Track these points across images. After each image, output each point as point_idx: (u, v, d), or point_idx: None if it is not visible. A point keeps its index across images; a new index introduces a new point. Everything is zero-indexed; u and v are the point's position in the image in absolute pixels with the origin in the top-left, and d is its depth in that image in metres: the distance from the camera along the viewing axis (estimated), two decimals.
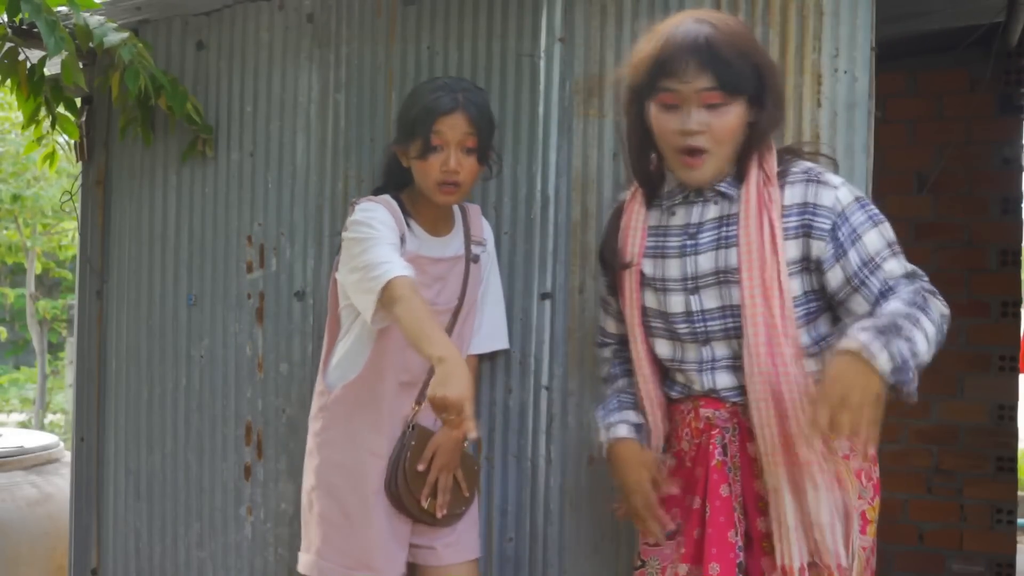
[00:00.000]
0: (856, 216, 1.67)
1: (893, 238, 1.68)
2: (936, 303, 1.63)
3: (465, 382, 1.72)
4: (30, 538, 3.41)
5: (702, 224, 1.75)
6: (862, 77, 2.03)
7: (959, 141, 3.36)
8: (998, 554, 3.35)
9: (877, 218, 1.69)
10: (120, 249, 2.77)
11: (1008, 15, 2.84)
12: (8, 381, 10.35)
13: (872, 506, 1.71)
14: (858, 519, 1.67)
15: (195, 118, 2.56)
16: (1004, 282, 3.36)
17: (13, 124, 6.97)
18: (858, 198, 1.70)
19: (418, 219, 2.14)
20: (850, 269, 1.66)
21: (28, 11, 2.12)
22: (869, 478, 1.72)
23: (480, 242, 2.21)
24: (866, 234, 1.67)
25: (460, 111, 2.03)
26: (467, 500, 2.18)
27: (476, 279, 2.18)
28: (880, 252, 1.67)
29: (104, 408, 2.79)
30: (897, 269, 1.66)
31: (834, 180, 1.71)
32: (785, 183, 1.70)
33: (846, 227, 1.67)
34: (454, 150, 2.03)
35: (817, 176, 1.70)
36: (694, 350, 1.77)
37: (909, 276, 1.67)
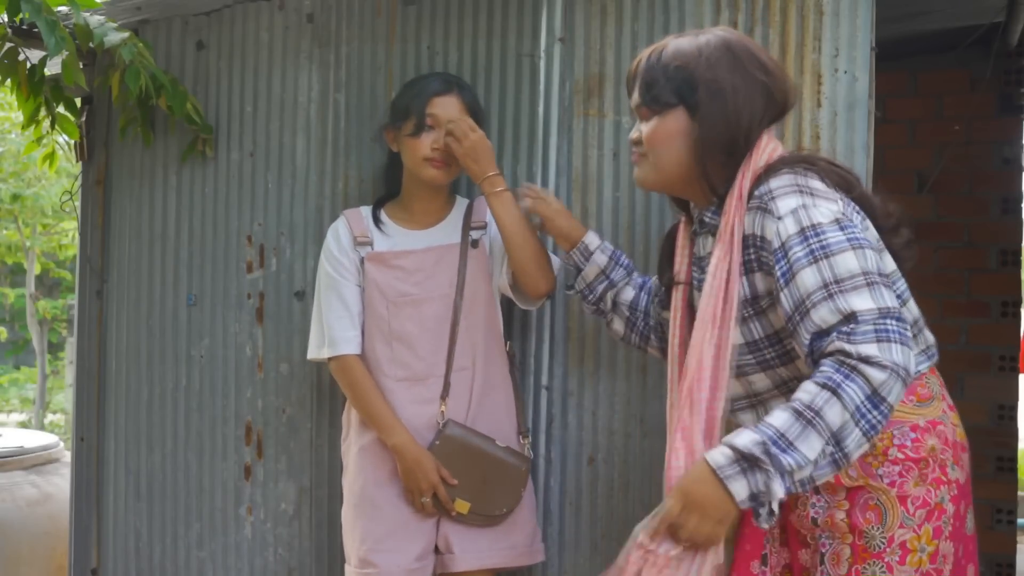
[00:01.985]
0: (794, 251, 1.50)
1: (840, 274, 1.46)
2: (862, 378, 1.40)
3: (424, 469, 2.07)
4: (30, 538, 3.41)
5: (704, 258, 1.75)
6: (862, 77, 2.03)
7: (959, 141, 3.36)
8: (998, 554, 3.35)
9: (822, 251, 1.48)
10: (120, 249, 2.77)
11: (1008, 15, 2.84)
12: (8, 381, 10.35)
13: (918, 534, 1.57)
14: (896, 549, 1.56)
15: (195, 118, 2.56)
16: (1004, 282, 3.36)
17: (13, 124, 6.97)
18: (804, 228, 1.51)
19: (402, 214, 2.22)
20: (784, 314, 1.53)
21: (28, 11, 2.12)
22: (924, 504, 1.57)
23: (480, 225, 2.20)
24: (799, 273, 1.49)
25: (454, 93, 2.14)
26: (501, 502, 2.13)
27: (479, 263, 2.17)
28: (811, 295, 1.47)
29: (104, 408, 2.79)
30: (828, 316, 1.45)
31: (782, 207, 1.54)
32: (747, 209, 1.60)
33: (783, 264, 1.52)
34: (446, 130, 2.09)
35: (767, 203, 1.56)
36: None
37: (846, 321, 1.44)
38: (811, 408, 1.41)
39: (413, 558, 2.11)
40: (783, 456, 1.40)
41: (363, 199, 2.45)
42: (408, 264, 2.17)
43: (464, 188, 2.37)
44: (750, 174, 1.62)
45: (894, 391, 1.41)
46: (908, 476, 1.57)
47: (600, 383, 2.26)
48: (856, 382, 1.40)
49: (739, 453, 1.43)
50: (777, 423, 1.42)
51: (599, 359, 2.25)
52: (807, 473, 1.42)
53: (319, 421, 2.51)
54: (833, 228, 1.50)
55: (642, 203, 2.22)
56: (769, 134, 1.69)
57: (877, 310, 1.43)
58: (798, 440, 1.41)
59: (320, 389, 2.50)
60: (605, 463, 2.25)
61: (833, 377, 1.41)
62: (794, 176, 1.57)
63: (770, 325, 1.61)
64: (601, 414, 2.26)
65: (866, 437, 1.42)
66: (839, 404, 1.40)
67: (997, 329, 3.35)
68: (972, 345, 3.37)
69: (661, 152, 1.70)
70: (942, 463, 1.59)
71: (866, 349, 1.40)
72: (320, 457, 2.50)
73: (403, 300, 2.16)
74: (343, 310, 2.19)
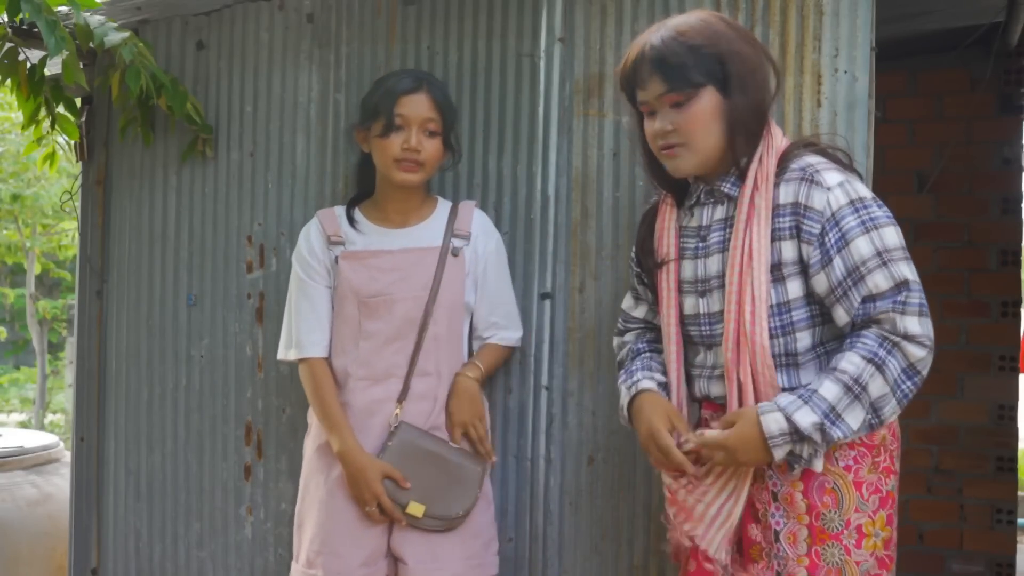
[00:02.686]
0: (847, 221, 1.60)
1: (889, 244, 1.60)
2: (901, 354, 1.56)
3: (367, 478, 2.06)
4: (30, 538, 3.41)
5: (710, 226, 1.76)
6: (862, 77, 2.03)
7: (959, 141, 3.36)
8: (998, 554, 3.36)
9: (872, 223, 1.60)
10: (120, 249, 2.77)
11: (1008, 15, 2.84)
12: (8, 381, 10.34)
13: (872, 520, 1.66)
14: (853, 533, 1.64)
15: (195, 118, 2.56)
16: (1004, 282, 3.36)
17: (13, 124, 6.97)
18: (854, 200, 1.61)
19: (377, 213, 2.21)
20: (834, 278, 1.61)
21: (28, 11, 2.12)
22: (877, 491, 1.67)
23: (463, 236, 2.19)
24: (854, 241, 1.59)
25: (423, 92, 2.11)
26: (456, 504, 2.10)
27: (456, 272, 2.16)
28: (866, 262, 1.59)
29: (104, 408, 2.79)
30: (883, 282, 1.58)
31: (830, 180, 1.63)
32: (781, 181, 1.66)
33: (834, 232, 1.61)
34: (416, 129, 2.09)
35: (812, 175, 1.64)
36: (701, 354, 1.80)
37: (897, 289, 1.58)
38: (858, 383, 1.55)
39: (358, 563, 2.10)
40: (833, 430, 1.56)
41: None
42: (384, 263, 2.16)
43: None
44: (774, 151, 1.69)
45: (927, 366, 1.58)
46: (863, 462, 1.66)
47: (600, 383, 2.26)
48: (896, 358, 1.56)
49: (795, 429, 1.57)
50: (829, 396, 1.56)
51: (599, 359, 2.25)
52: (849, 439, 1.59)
53: None
54: (874, 203, 1.63)
55: (642, 203, 2.22)
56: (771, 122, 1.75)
57: (918, 282, 1.59)
58: (846, 412, 1.56)
59: None
60: (605, 463, 2.25)
61: (878, 352, 1.55)
62: (821, 158, 1.69)
63: (784, 293, 1.67)
64: (601, 414, 2.26)
65: (899, 406, 1.58)
66: (881, 378, 1.55)
67: (997, 329, 3.35)
68: (972, 345, 3.37)
69: (701, 135, 1.68)
70: (891, 453, 1.70)
71: (911, 324, 1.56)
72: None
73: (375, 300, 2.14)
74: (310, 312, 2.20)
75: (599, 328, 2.25)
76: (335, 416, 2.14)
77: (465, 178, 2.37)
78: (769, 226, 1.65)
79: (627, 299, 2.03)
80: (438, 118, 2.12)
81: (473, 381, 2.16)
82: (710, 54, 1.65)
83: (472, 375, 2.16)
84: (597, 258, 2.26)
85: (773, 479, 1.68)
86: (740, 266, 1.66)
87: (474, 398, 2.16)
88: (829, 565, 1.64)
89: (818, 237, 1.62)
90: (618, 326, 2.04)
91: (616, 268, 2.25)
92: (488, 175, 2.35)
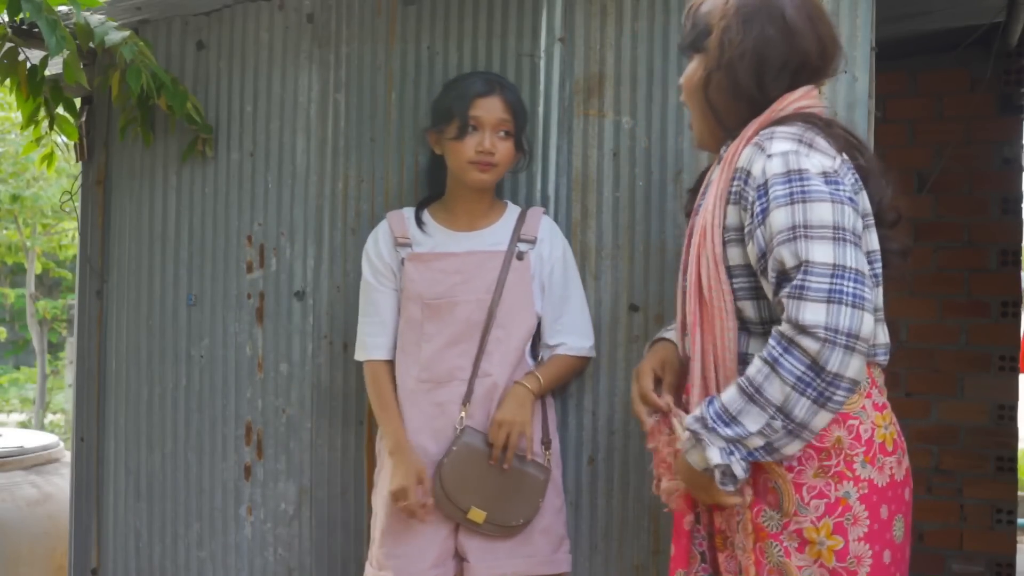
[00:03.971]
0: (775, 190, 1.51)
1: (812, 220, 1.47)
2: (799, 350, 1.43)
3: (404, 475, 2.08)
4: (30, 538, 3.41)
5: (708, 184, 1.74)
6: (862, 77, 2.03)
7: (959, 141, 3.36)
8: (998, 554, 3.36)
9: (801, 195, 1.49)
10: (120, 249, 2.77)
11: (1008, 15, 2.84)
12: (8, 381, 10.34)
13: (816, 527, 1.54)
14: (793, 536, 1.56)
15: (195, 118, 2.56)
16: (1004, 282, 3.36)
17: (13, 124, 6.97)
18: (791, 171, 1.51)
19: (445, 215, 2.21)
20: (756, 252, 1.55)
21: (29, 10, 2.12)
22: (822, 495, 1.55)
23: (530, 240, 2.17)
24: (774, 212, 1.50)
25: (497, 94, 2.12)
26: (518, 513, 2.10)
27: (521, 276, 2.15)
28: (779, 234, 1.48)
29: (104, 408, 2.79)
30: (789, 259, 1.47)
31: (775, 147, 1.55)
32: (748, 145, 1.62)
33: (761, 202, 1.53)
34: (489, 131, 2.10)
35: (763, 142, 1.58)
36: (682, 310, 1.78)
37: (797, 269, 1.46)
38: (752, 384, 1.48)
39: (429, 565, 2.10)
40: (725, 429, 1.50)
41: (363, 199, 2.46)
42: (448, 266, 2.16)
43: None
44: (760, 121, 1.64)
45: (832, 359, 1.42)
46: (807, 465, 1.56)
47: (600, 383, 2.26)
48: (793, 354, 1.44)
49: (688, 430, 1.56)
50: (725, 398, 1.52)
51: (599, 359, 2.25)
52: (758, 443, 1.49)
53: (319, 421, 2.51)
54: (818, 179, 1.51)
55: (642, 203, 2.23)
56: (804, 90, 1.66)
57: (832, 265, 1.44)
58: (740, 414, 1.49)
59: (320, 389, 2.51)
60: (605, 463, 2.25)
61: (773, 351, 1.46)
62: (800, 128, 1.59)
63: (743, 255, 1.61)
64: (601, 414, 2.26)
65: (819, 405, 1.45)
66: (778, 379, 1.45)
67: (997, 329, 3.35)
68: (972, 345, 3.36)
69: (690, 99, 1.76)
70: (848, 458, 1.55)
71: (807, 312, 1.42)
72: (320, 457, 2.50)
73: (438, 302, 2.14)
74: (375, 315, 2.22)
75: (599, 328, 2.25)
76: (390, 417, 2.16)
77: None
78: (725, 190, 1.62)
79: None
80: (511, 120, 2.12)
81: (526, 389, 2.12)
82: (704, 26, 1.70)
83: (529, 384, 2.12)
84: (597, 258, 2.26)
85: None
86: (702, 228, 1.65)
87: (522, 404, 2.11)
88: (771, 564, 1.57)
89: (751, 204, 1.56)
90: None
91: (616, 268, 2.25)
92: None
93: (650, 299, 2.22)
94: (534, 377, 2.13)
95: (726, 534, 1.66)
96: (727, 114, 1.69)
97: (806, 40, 1.65)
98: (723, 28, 1.65)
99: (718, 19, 1.67)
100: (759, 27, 1.63)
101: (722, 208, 1.62)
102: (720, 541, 1.68)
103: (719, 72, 1.67)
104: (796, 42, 1.64)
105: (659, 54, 2.22)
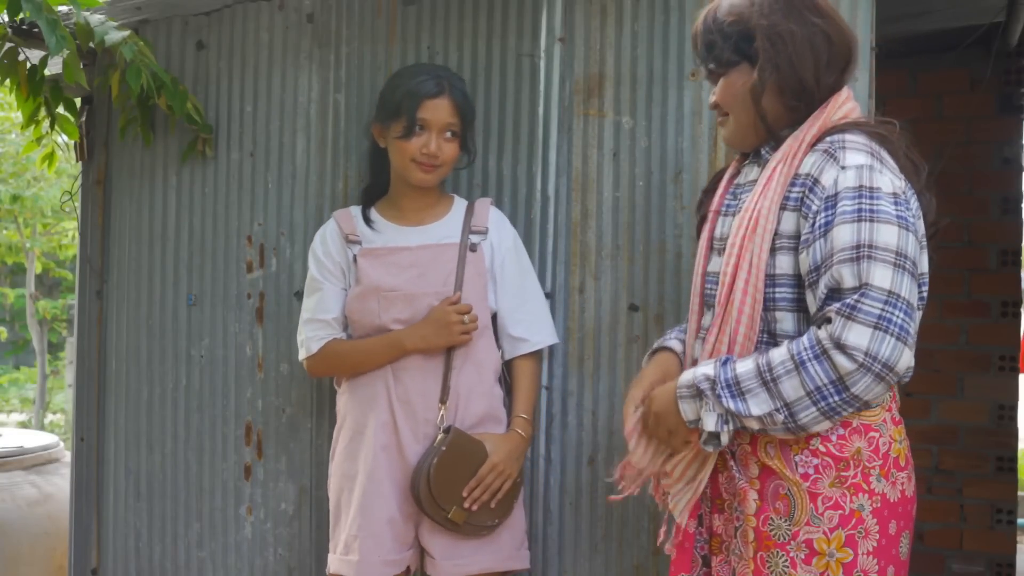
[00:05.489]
0: (844, 204, 1.48)
1: (878, 241, 1.45)
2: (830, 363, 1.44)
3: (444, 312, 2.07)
4: (30, 538, 3.41)
5: (744, 186, 1.71)
6: (862, 77, 2.03)
7: (959, 141, 3.36)
8: (998, 554, 3.35)
9: (870, 213, 1.46)
10: (120, 249, 2.77)
11: (1008, 15, 2.84)
12: (8, 381, 10.34)
13: (827, 538, 1.52)
14: (802, 546, 1.53)
15: (195, 118, 2.56)
16: (1004, 282, 3.36)
17: (13, 124, 6.97)
18: (863, 187, 1.48)
19: (392, 212, 2.21)
20: (811, 262, 1.51)
21: (29, 10, 2.12)
22: (837, 507, 1.53)
23: (481, 231, 2.18)
24: (839, 227, 1.47)
25: (446, 95, 2.10)
26: (494, 514, 2.11)
27: (476, 267, 2.15)
28: (841, 251, 1.46)
29: (104, 408, 2.79)
30: (848, 278, 1.45)
31: (849, 159, 1.51)
32: (811, 150, 1.58)
33: (828, 213, 1.49)
34: (436, 133, 2.09)
35: (835, 150, 1.54)
36: (707, 314, 1.73)
37: (856, 290, 1.44)
38: (772, 371, 1.48)
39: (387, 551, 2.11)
40: (729, 401, 1.51)
41: None
42: (402, 259, 2.16)
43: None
44: (820, 124, 1.59)
45: (861, 383, 1.43)
46: (824, 473, 1.53)
47: (600, 383, 2.26)
48: (823, 365, 1.44)
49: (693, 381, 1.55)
50: (740, 370, 1.51)
51: (599, 359, 2.25)
52: (754, 425, 1.51)
53: (319, 421, 2.51)
54: (889, 199, 1.48)
55: (642, 203, 2.22)
56: (848, 91, 1.65)
57: (888, 292, 1.43)
58: (749, 393, 1.49)
59: (320, 389, 2.51)
60: (605, 463, 2.25)
61: (803, 353, 1.46)
62: (870, 139, 1.56)
63: (772, 266, 1.58)
64: (601, 414, 2.25)
65: (825, 416, 1.46)
66: (798, 379, 1.46)
67: (997, 329, 3.35)
68: (972, 345, 3.36)
69: (737, 110, 1.67)
70: (865, 470, 1.54)
71: (853, 334, 1.42)
72: (320, 457, 2.50)
73: (394, 295, 2.13)
74: (321, 312, 2.19)
75: (599, 328, 2.25)
76: (373, 339, 2.13)
77: (465, 178, 2.37)
78: (781, 195, 1.57)
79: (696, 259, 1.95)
80: (458, 122, 2.12)
81: (521, 438, 2.13)
82: (739, 31, 1.62)
83: (523, 432, 2.13)
84: (597, 258, 2.26)
85: (736, 470, 1.61)
86: (745, 231, 1.59)
87: (518, 457, 2.12)
88: (774, 574, 1.54)
89: (814, 214, 1.51)
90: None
91: (616, 268, 2.25)
92: (488, 175, 2.35)
93: (650, 299, 2.22)
94: (523, 421, 2.14)
95: (723, 539, 1.65)
96: (777, 118, 1.63)
97: (843, 28, 1.64)
98: (769, 26, 1.59)
99: (757, 19, 1.60)
100: (804, 18, 1.60)
101: (776, 213, 1.57)
102: (716, 544, 1.67)
103: (776, 72, 1.60)
104: (839, 28, 1.63)
105: (659, 54, 2.21)
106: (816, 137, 1.58)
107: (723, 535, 1.65)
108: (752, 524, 1.56)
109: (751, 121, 1.66)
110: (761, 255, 1.56)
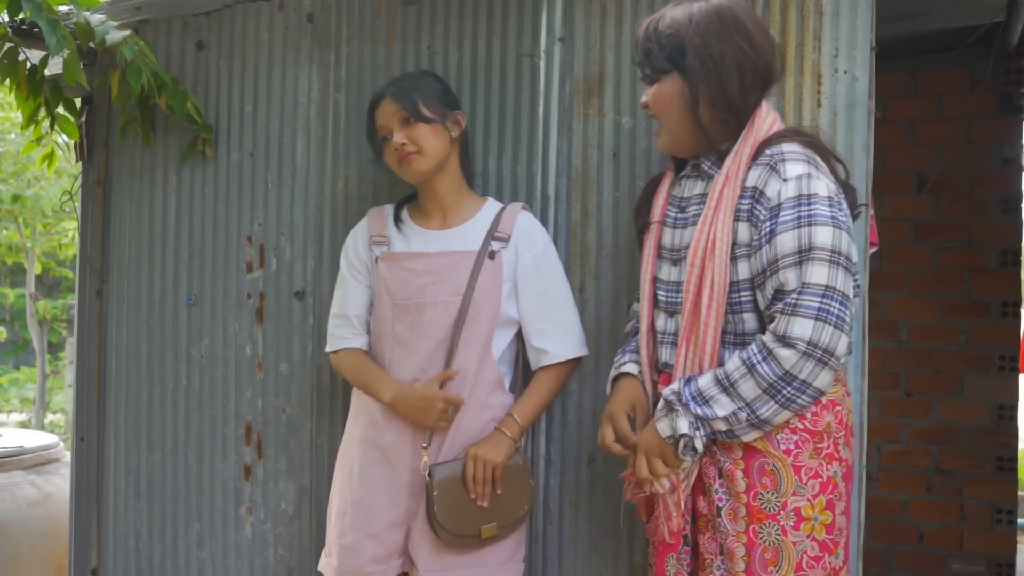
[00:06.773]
0: (785, 213, 1.64)
1: (816, 243, 1.60)
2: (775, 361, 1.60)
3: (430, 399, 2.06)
4: (30, 538, 3.41)
5: (690, 199, 1.85)
6: (862, 77, 2.03)
7: (959, 141, 3.36)
8: (998, 554, 3.36)
9: (808, 219, 1.62)
10: (120, 249, 2.77)
11: (1008, 15, 2.84)
12: (8, 381, 10.34)
13: (812, 504, 1.68)
14: (791, 515, 1.68)
15: (195, 118, 2.56)
16: (1004, 282, 3.36)
17: (13, 124, 6.97)
18: (802, 195, 1.64)
19: (420, 215, 2.23)
20: (758, 267, 1.67)
21: (30, 10, 2.12)
22: (817, 475, 1.69)
23: (503, 238, 2.13)
24: (782, 234, 1.63)
25: (386, 97, 2.16)
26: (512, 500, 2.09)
27: (492, 276, 2.11)
28: (785, 257, 1.63)
29: (104, 408, 2.79)
30: (792, 280, 1.61)
31: (790, 171, 1.66)
32: (753, 164, 1.72)
33: (772, 222, 1.65)
34: (396, 130, 2.13)
35: (776, 163, 1.68)
36: (662, 319, 1.87)
37: (801, 292, 1.60)
38: (729, 378, 1.66)
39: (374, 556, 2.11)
40: (696, 408, 1.68)
41: (363, 199, 2.46)
42: (419, 266, 2.14)
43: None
44: (751, 141, 1.74)
45: (805, 369, 1.59)
46: (804, 447, 1.69)
47: (600, 383, 2.25)
48: (770, 365, 1.61)
49: (663, 400, 1.72)
50: (702, 383, 1.69)
51: (599, 359, 2.25)
52: (722, 427, 1.67)
53: (319, 421, 2.51)
54: (825, 203, 1.64)
55: None
56: (768, 104, 1.79)
57: (825, 286, 1.60)
58: (712, 400, 1.67)
59: (320, 389, 2.51)
60: (605, 463, 2.25)
61: (752, 357, 1.63)
62: (804, 147, 1.71)
63: (735, 273, 1.73)
64: (601, 414, 2.25)
65: (783, 407, 1.63)
66: (752, 380, 1.63)
67: (997, 329, 3.35)
68: (972, 345, 3.37)
69: (664, 115, 1.82)
70: (836, 440, 1.72)
71: (795, 326, 1.59)
72: (320, 457, 2.50)
73: (407, 303, 2.13)
74: (345, 308, 2.23)
75: (599, 328, 2.25)
76: (376, 373, 2.16)
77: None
78: (732, 212, 1.71)
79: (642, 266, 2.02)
80: (400, 107, 2.12)
81: (503, 435, 2.09)
82: (674, 44, 1.76)
83: (508, 431, 2.10)
84: (597, 258, 2.26)
85: (718, 455, 1.73)
86: (704, 251, 1.73)
87: (498, 446, 2.07)
88: (766, 543, 1.69)
89: (761, 223, 1.67)
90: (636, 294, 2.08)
91: (616, 268, 2.24)
92: (488, 175, 2.35)
93: None
94: (512, 421, 2.11)
95: (708, 518, 1.77)
96: (713, 128, 1.77)
97: (769, 49, 1.78)
98: (701, 45, 1.74)
99: (691, 36, 1.75)
100: (734, 40, 1.74)
101: (731, 228, 1.71)
102: (703, 524, 1.78)
103: (707, 88, 1.74)
104: (763, 52, 1.77)
105: None
106: (753, 151, 1.73)
107: (708, 514, 1.77)
108: (743, 500, 1.71)
109: (687, 129, 1.80)
110: (723, 273, 1.71)
